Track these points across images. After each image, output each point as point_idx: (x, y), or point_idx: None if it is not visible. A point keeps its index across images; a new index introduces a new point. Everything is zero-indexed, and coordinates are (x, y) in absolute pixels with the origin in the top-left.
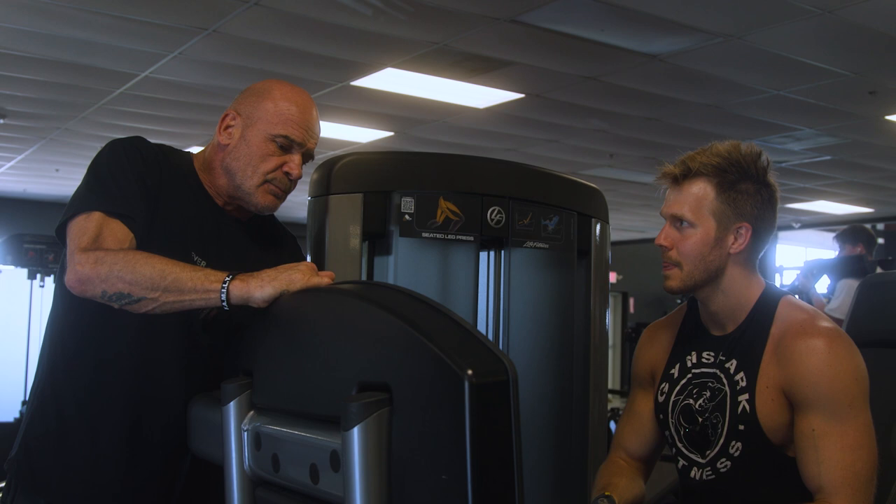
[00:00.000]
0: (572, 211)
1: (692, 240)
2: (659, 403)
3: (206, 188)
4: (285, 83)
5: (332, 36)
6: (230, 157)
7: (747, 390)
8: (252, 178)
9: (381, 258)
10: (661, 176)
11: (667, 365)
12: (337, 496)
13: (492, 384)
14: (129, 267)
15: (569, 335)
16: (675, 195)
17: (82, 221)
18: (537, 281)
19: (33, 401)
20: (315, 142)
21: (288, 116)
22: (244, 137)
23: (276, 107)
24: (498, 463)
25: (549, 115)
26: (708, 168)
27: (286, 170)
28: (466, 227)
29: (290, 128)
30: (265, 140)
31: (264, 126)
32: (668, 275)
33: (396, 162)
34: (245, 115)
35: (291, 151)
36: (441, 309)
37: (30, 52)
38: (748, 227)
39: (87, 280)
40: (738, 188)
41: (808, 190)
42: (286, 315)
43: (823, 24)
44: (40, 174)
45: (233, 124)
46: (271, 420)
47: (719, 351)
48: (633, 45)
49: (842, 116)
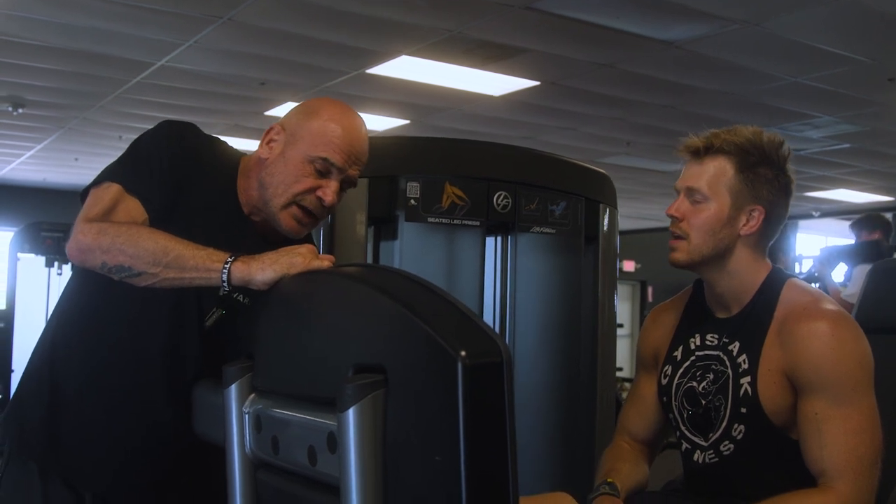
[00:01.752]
0: (580, 196)
1: (704, 214)
2: (662, 386)
3: (238, 192)
4: (338, 102)
5: (347, 24)
6: (266, 171)
7: (749, 373)
8: (280, 198)
9: (386, 243)
10: (682, 148)
11: (670, 347)
12: (334, 477)
13: (485, 365)
14: (132, 240)
15: (576, 321)
16: (695, 168)
17: (100, 192)
18: (544, 266)
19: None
20: (359, 168)
21: (331, 139)
22: (284, 154)
23: (321, 127)
24: (492, 444)
25: (565, 102)
26: (731, 146)
27: (319, 195)
28: (472, 211)
29: (330, 150)
30: (304, 161)
31: (305, 146)
32: (675, 246)
33: (402, 147)
34: (290, 131)
35: (330, 176)
36: (436, 290)
37: (47, 41)
38: (762, 210)
39: (87, 249)
40: (757, 171)
41: (828, 178)
42: (285, 298)
43: (841, 10)
44: (59, 163)
45: (276, 139)
46: (272, 402)
47: (723, 333)
48: (649, 31)
49: (861, 104)
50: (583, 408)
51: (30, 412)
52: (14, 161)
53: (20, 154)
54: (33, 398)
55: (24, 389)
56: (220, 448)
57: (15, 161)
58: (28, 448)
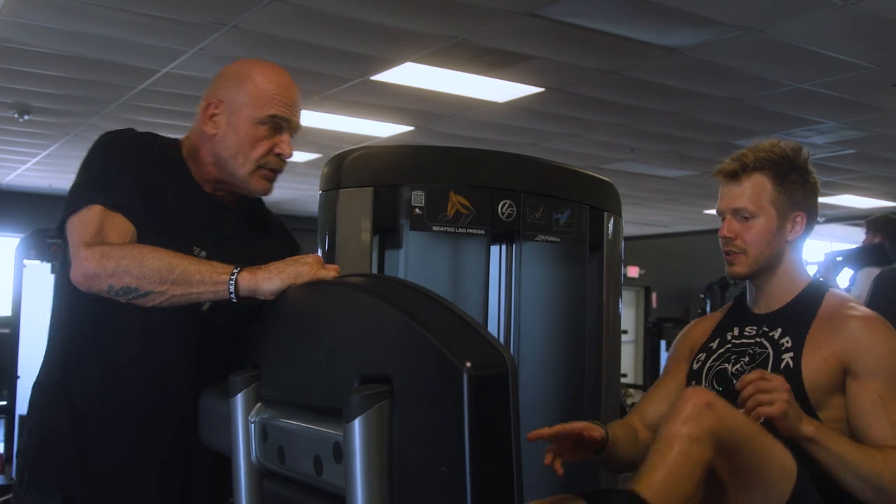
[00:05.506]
0: (584, 204)
1: (756, 228)
2: (693, 371)
3: (193, 177)
4: (260, 61)
5: (352, 31)
6: (220, 146)
7: (793, 349)
8: (245, 166)
9: (391, 252)
10: (717, 172)
11: (707, 340)
12: (340, 487)
13: (491, 376)
14: (137, 261)
15: (581, 329)
16: (734, 190)
17: (83, 216)
18: (549, 275)
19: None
20: (300, 115)
21: (272, 96)
22: (231, 125)
23: (257, 88)
24: (497, 454)
25: (570, 109)
26: (763, 162)
27: (278, 151)
28: (477, 220)
29: (276, 106)
30: (254, 125)
31: (250, 111)
32: (734, 261)
33: (407, 156)
34: (228, 101)
35: (281, 131)
36: (442, 301)
37: (53, 48)
38: (803, 215)
39: (93, 276)
40: (789, 178)
41: (833, 184)
42: (292, 308)
43: (846, 16)
44: (65, 170)
45: (217, 112)
46: (278, 412)
47: (763, 325)
48: (653, 38)
49: (865, 109)
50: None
51: (48, 439)
52: (20, 167)
53: (26, 160)
54: (50, 428)
55: (38, 417)
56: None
57: (21, 167)
58: (50, 477)
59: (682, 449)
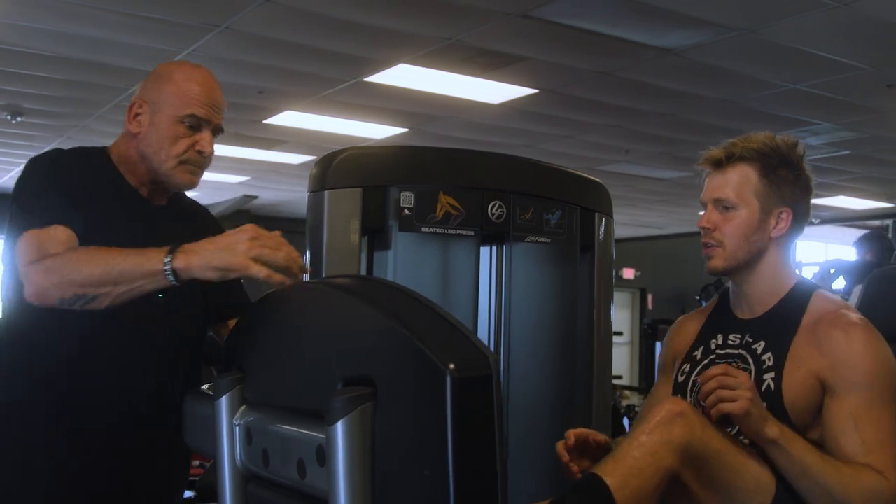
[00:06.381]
0: (575, 205)
1: (736, 221)
2: (678, 384)
3: (127, 181)
4: (185, 63)
5: (345, 32)
6: (143, 143)
7: (774, 369)
8: (167, 162)
9: (380, 253)
10: (703, 160)
11: (690, 348)
12: (323, 490)
13: (474, 378)
14: (76, 269)
15: (571, 331)
16: (718, 179)
17: (22, 243)
18: (539, 276)
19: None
20: (221, 116)
21: (191, 96)
22: (153, 123)
23: (178, 88)
24: (480, 457)
25: (564, 110)
26: (751, 152)
27: (198, 148)
28: (467, 221)
29: (195, 107)
30: (173, 123)
31: (170, 110)
32: (711, 254)
33: (395, 156)
34: (151, 101)
35: (200, 130)
36: (425, 302)
37: (45, 49)
38: (789, 211)
39: (42, 292)
40: (778, 173)
41: (828, 185)
42: (275, 310)
43: (840, 17)
44: None
45: (140, 112)
46: (262, 415)
47: (746, 333)
48: (647, 39)
49: (860, 110)
50: (578, 416)
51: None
52: (13, 169)
53: (18, 162)
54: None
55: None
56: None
57: (13, 169)
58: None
59: (649, 450)
